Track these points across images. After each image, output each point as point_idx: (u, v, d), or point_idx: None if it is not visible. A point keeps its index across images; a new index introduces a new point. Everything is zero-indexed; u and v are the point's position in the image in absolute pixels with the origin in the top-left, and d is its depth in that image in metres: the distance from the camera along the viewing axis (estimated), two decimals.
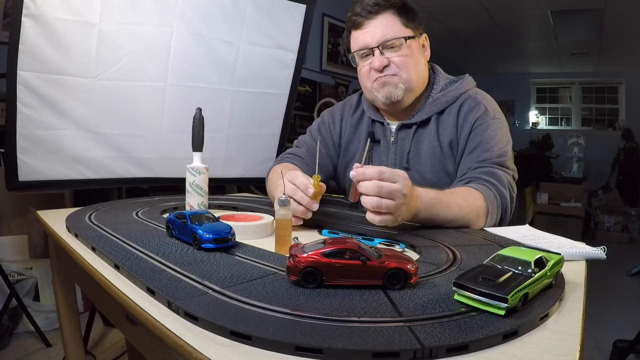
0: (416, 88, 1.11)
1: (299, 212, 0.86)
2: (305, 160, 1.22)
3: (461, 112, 1.08)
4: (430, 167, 1.11)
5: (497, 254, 0.54)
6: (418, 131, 1.12)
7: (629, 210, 5.11)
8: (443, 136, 1.10)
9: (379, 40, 1.05)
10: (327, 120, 1.29)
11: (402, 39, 1.06)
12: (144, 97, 1.55)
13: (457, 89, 1.11)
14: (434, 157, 1.10)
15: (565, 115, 7.05)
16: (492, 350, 0.41)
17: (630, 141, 5.82)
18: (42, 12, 1.29)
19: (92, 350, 1.83)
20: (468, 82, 1.13)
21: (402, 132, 1.14)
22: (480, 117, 1.06)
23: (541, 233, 0.88)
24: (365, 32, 1.07)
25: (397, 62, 1.06)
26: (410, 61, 1.07)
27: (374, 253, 0.54)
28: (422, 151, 1.11)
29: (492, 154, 1.03)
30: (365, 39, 1.07)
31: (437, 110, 1.10)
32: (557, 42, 5.27)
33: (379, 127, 1.19)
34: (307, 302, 0.47)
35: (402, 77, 1.07)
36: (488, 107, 1.08)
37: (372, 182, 0.76)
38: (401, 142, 1.14)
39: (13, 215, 2.09)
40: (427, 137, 1.11)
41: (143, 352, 0.57)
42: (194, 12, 1.57)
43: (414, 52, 1.08)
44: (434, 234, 0.84)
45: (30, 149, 1.39)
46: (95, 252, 0.68)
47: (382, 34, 1.05)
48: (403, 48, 1.06)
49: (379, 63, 1.05)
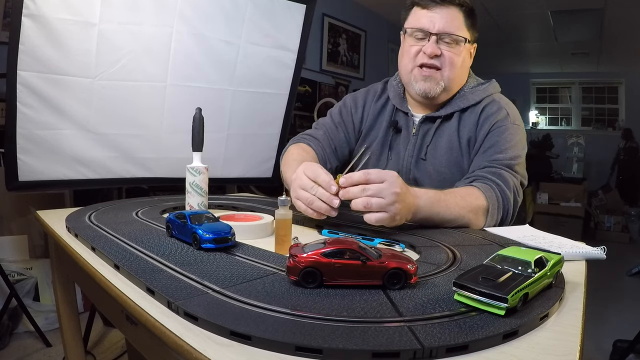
0: (452, 88, 1.12)
1: (323, 210, 0.82)
2: (322, 144, 1.20)
3: (483, 113, 1.10)
4: (446, 161, 1.12)
5: (497, 254, 0.54)
6: (441, 125, 1.14)
7: (629, 210, 5.11)
8: (463, 132, 1.11)
9: (439, 30, 1.05)
10: (349, 104, 1.27)
11: (462, 38, 1.06)
12: (144, 97, 1.55)
13: (483, 90, 1.14)
14: (451, 152, 1.11)
15: (565, 115, 7.05)
16: (492, 350, 0.41)
17: (630, 141, 5.82)
18: (42, 12, 1.29)
19: (92, 350, 1.83)
20: (494, 87, 1.16)
21: (426, 124, 1.15)
22: (500, 120, 1.08)
23: (541, 233, 0.88)
24: (430, 16, 1.06)
25: (448, 57, 1.06)
26: (459, 62, 1.08)
27: (374, 253, 0.54)
28: (441, 145, 1.13)
29: (505, 155, 1.04)
30: (427, 22, 1.06)
31: (462, 107, 1.12)
32: (557, 42, 5.27)
33: (402, 117, 1.19)
34: (307, 302, 0.47)
35: (445, 74, 1.07)
36: (509, 112, 1.11)
37: (359, 186, 0.77)
38: (422, 134, 1.15)
39: (13, 215, 2.09)
40: (448, 132, 1.12)
41: (143, 352, 0.57)
42: (194, 12, 1.57)
43: (464, 55, 1.09)
44: (434, 234, 0.84)
45: (30, 149, 1.39)
46: (95, 252, 0.68)
47: (445, 25, 1.05)
48: (457, 47, 1.07)
49: (432, 50, 1.05)
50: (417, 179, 1.14)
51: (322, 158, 1.17)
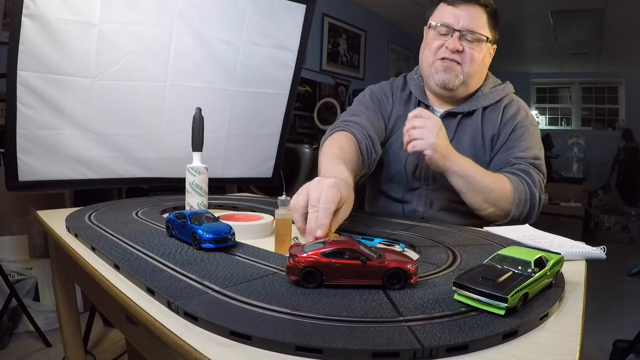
0: (471, 85, 1.14)
1: (300, 230, 0.75)
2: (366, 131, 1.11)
3: (506, 112, 1.15)
4: (470, 157, 1.11)
5: (497, 254, 0.54)
6: (462, 121, 1.16)
7: (629, 210, 5.11)
8: (487, 129, 1.14)
9: (463, 26, 1.08)
10: (378, 93, 1.26)
11: (484, 37, 1.09)
12: (144, 97, 1.55)
13: (502, 90, 1.18)
14: (475, 148, 1.14)
15: (565, 115, 7.05)
16: (492, 350, 0.41)
17: (630, 141, 5.82)
18: (42, 12, 1.29)
19: (92, 350, 1.83)
20: (510, 87, 1.21)
21: (447, 119, 1.16)
22: (522, 121, 1.13)
23: (541, 233, 0.88)
24: (455, 12, 1.09)
25: (469, 54, 1.09)
26: (479, 59, 1.10)
27: (374, 253, 0.54)
28: (464, 141, 1.14)
29: (529, 154, 1.09)
30: (451, 18, 1.09)
31: (485, 105, 1.15)
32: (557, 42, 5.26)
33: None
34: (306, 302, 0.47)
35: (465, 69, 1.10)
36: (528, 114, 1.17)
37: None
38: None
39: (13, 215, 2.09)
40: (471, 128, 1.15)
41: (143, 352, 0.57)
42: (194, 12, 1.57)
43: (484, 54, 1.12)
44: (434, 233, 0.84)
45: (30, 149, 1.39)
46: (95, 252, 0.68)
47: (469, 23, 1.08)
48: (479, 45, 1.10)
49: (454, 45, 1.07)
50: (438, 173, 1.13)
51: (365, 146, 1.08)
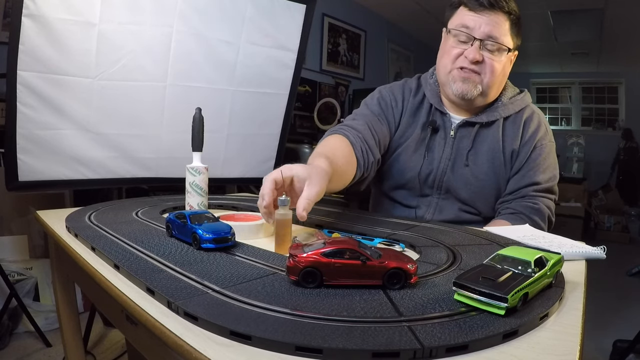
0: (490, 95, 1.10)
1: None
2: (362, 135, 1.08)
3: (527, 128, 1.11)
4: (487, 169, 1.11)
5: (497, 254, 0.54)
6: (480, 131, 1.12)
7: (629, 210, 5.11)
8: (507, 143, 1.11)
9: (484, 35, 1.03)
10: (387, 96, 1.21)
11: (505, 47, 1.05)
12: (144, 97, 1.55)
13: (522, 100, 1.15)
14: (493, 160, 1.11)
15: (565, 115, 7.05)
16: (492, 350, 0.41)
17: (630, 141, 5.83)
18: (42, 12, 1.29)
19: (92, 350, 1.83)
20: (529, 97, 1.17)
21: (464, 128, 1.13)
22: (542, 138, 1.11)
23: (541, 233, 0.88)
24: (476, 19, 1.03)
25: (489, 64, 1.05)
26: (499, 69, 1.06)
27: (374, 253, 0.54)
28: (482, 151, 1.11)
29: (545, 176, 1.10)
30: (472, 25, 1.03)
31: (505, 115, 1.12)
32: (557, 42, 5.27)
33: (439, 117, 1.16)
34: (306, 302, 0.47)
35: (485, 80, 1.06)
36: (547, 130, 1.14)
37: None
38: (460, 138, 1.13)
39: (13, 215, 2.09)
40: (490, 139, 1.11)
41: (143, 352, 0.57)
42: (194, 12, 1.57)
43: (505, 63, 1.08)
44: (434, 233, 0.84)
45: (30, 149, 1.39)
46: (95, 252, 0.68)
47: (491, 31, 1.03)
48: (500, 55, 1.05)
49: (473, 56, 1.03)
50: (451, 183, 1.12)
51: (359, 149, 1.06)
